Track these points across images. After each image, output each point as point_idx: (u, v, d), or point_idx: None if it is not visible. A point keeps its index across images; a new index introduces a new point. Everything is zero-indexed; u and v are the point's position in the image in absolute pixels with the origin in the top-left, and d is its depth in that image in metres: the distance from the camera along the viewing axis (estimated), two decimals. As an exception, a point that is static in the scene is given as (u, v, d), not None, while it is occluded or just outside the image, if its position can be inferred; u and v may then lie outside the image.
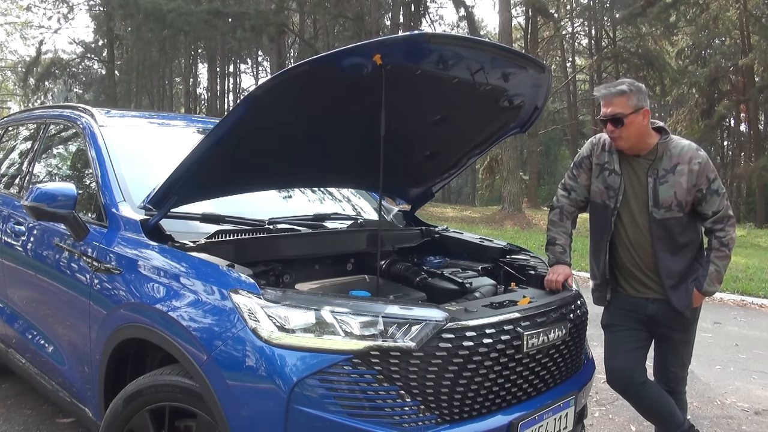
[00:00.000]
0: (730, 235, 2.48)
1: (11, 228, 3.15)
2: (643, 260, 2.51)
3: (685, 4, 23.35)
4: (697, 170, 2.43)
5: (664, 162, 2.46)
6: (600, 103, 2.50)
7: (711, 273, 2.47)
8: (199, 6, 19.34)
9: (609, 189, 2.53)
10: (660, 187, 2.44)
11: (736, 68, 25.68)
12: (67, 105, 3.43)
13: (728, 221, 2.48)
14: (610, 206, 2.53)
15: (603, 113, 2.46)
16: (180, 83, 39.23)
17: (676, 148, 2.47)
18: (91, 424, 2.44)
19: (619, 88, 2.44)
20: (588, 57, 30.95)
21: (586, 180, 2.62)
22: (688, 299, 2.48)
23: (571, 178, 2.66)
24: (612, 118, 2.42)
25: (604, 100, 2.46)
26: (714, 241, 2.49)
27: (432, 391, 1.80)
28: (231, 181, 2.45)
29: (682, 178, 2.42)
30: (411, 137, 2.66)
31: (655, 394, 2.54)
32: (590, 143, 2.65)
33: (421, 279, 2.72)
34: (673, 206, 2.43)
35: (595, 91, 2.59)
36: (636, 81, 2.53)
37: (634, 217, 2.50)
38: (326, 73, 1.98)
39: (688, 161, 2.43)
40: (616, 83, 2.49)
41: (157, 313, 2.03)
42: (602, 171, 2.56)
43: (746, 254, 12.01)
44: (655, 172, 2.46)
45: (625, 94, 2.42)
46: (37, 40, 31.61)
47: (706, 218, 2.49)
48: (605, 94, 2.46)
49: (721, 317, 6.42)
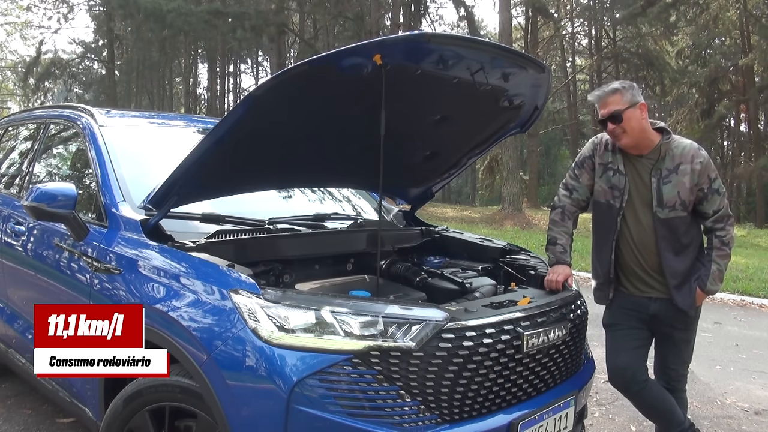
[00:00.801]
0: (730, 234, 2.50)
1: (11, 228, 3.15)
2: (646, 260, 2.51)
3: (685, 4, 23.37)
4: (699, 169, 2.44)
5: (666, 162, 2.46)
6: (597, 107, 2.52)
7: (713, 272, 2.48)
8: (199, 6, 19.35)
9: (614, 189, 2.53)
10: (664, 186, 2.45)
11: (736, 68, 25.69)
12: (67, 105, 3.43)
13: (728, 220, 2.50)
14: (615, 206, 2.52)
15: (601, 115, 2.49)
16: (180, 83, 39.25)
17: (678, 148, 2.47)
18: (91, 424, 2.44)
19: (612, 87, 2.49)
20: (588, 57, 30.95)
21: (589, 180, 2.62)
22: (691, 298, 2.49)
23: (573, 177, 2.66)
24: (610, 117, 2.44)
25: (600, 103, 2.49)
26: (715, 240, 2.51)
27: (432, 391, 1.80)
28: (231, 181, 2.45)
29: (685, 177, 2.43)
30: (411, 137, 2.66)
31: (656, 392, 2.55)
32: (592, 143, 2.65)
33: (421, 279, 2.72)
34: (677, 206, 2.44)
35: (589, 97, 2.63)
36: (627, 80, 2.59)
37: (638, 217, 2.50)
38: (326, 73, 1.98)
39: (691, 160, 2.44)
40: (607, 84, 2.54)
41: (157, 313, 2.03)
42: (606, 171, 2.56)
43: (746, 254, 12.01)
44: (658, 172, 2.46)
45: (618, 92, 2.45)
46: (37, 40, 31.65)
47: (706, 217, 2.50)
48: (599, 95, 2.50)
49: (721, 317, 6.41)
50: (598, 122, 2.53)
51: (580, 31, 30.77)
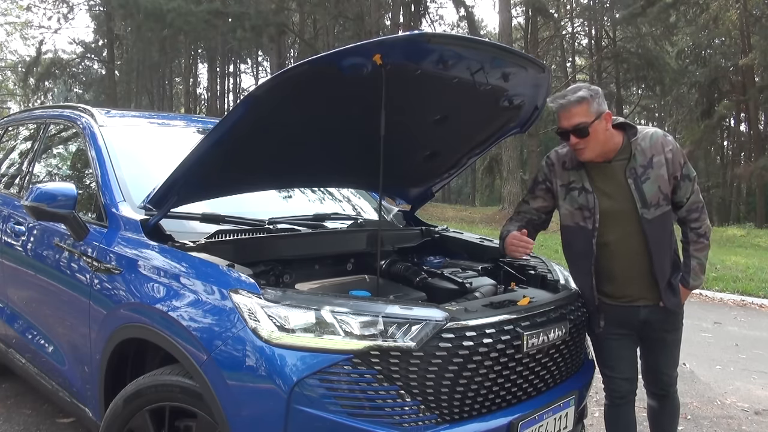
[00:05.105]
0: (705, 223, 2.39)
1: (11, 228, 3.15)
2: (638, 268, 2.36)
3: (685, 4, 23.37)
4: (671, 158, 2.31)
5: (638, 159, 2.29)
6: (557, 116, 2.27)
7: (694, 267, 2.38)
8: (199, 6, 19.32)
9: (583, 209, 2.34)
10: (643, 185, 2.29)
11: (736, 68, 25.71)
12: (67, 105, 3.43)
13: (702, 208, 2.39)
14: (587, 228, 2.33)
15: (562, 126, 2.24)
16: (180, 83, 39.24)
17: (645, 140, 2.33)
18: (91, 424, 2.44)
19: (578, 95, 2.22)
20: (588, 57, 30.94)
21: (542, 203, 2.49)
22: (677, 297, 2.40)
23: (524, 202, 2.55)
24: (574, 130, 2.22)
25: (563, 112, 2.24)
26: (691, 234, 2.40)
27: (432, 391, 1.80)
28: (231, 181, 2.45)
29: (662, 169, 2.30)
30: (411, 137, 2.66)
31: (633, 414, 2.53)
32: (545, 166, 2.47)
33: (421, 279, 2.72)
34: (661, 201, 2.31)
35: (549, 101, 2.35)
36: (590, 84, 2.32)
37: (624, 227, 2.31)
38: (326, 73, 1.98)
39: (662, 149, 2.31)
40: (572, 89, 2.26)
41: (157, 313, 2.03)
42: (569, 191, 2.37)
43: (746, 254, 12.02)
44: (633, 171, 2.29)
45: (585, 101, 2.21)
46: (37, 40, 31.55)
47: (680, 206, 2.37)
48: (563, 104, 2.23)
49: (721, 317, 6.42)
50: (558, 133, 2.29)
51: (580, 31, 30.75)
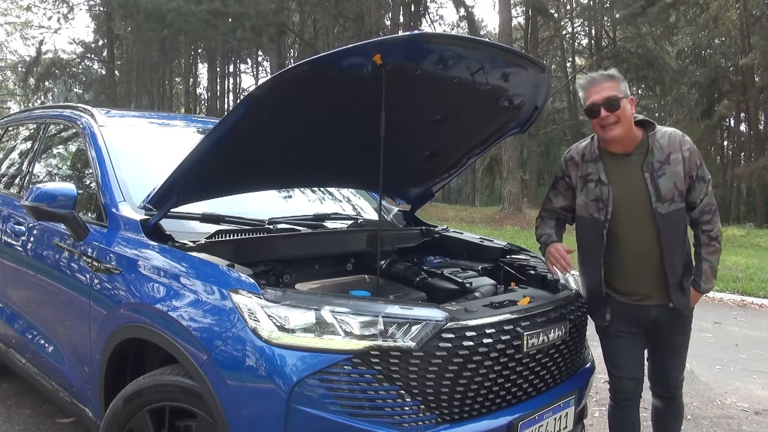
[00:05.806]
0: (717, 227, 2.40)
1: (11, 228, 3.15)
2: (649, 264, 2.37)
3: (685, 4, 23.36)
4: (688, 156, 2.34)
5: (656, 154, 2.34)
6: (583, 95, 2.36)
7: (705, 270, 2.39)
8: (199, 6, 19.33)
9: (597, 201, 2.38)
10: (659, 180, 2.33)
11: (736, 68, 25.71)
12: (67, 105, 3.43)
13: (715, 211, 2.41)
14: (599, 219, 2.37)
15: (594, 100, 2.30)
16: (180, 83, 39.25)
17: (664, 138, 2.37)
18: (91, 424, 2.44)
19: (609, 72, 2.35)
20: (588, 57, 30.94)
21: (564, 201, 2.52)
22: (686, 298, 2.40)
23: (548, 200, 2.59)
24: (605, 102, 2.28)
25: (593, 87, 2.32)
26: (703, 237, 2.40)
27: (432, 391, 1.80)
28: (231, 181, 2.45)
29: (678, 166, 2.33)
30: (411, 137, 2.65)
31: (637, 416, 2.53)
32: (564, 161, 2.54)
33: (421, 279, 2.72)
34: (676, 197, 2.33)
35: (578, 82, 2.43)
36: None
37: (638, 220, 2.35)
38: (326, 73, 1.98)
39: (680, 148, 2.35)
40: (597, 72, 2.39)
41: (157, 313, 2.03)
42: (586, 183, 2.42)
43: (746, 254, 12.01)
44: (650, 166, 2.34)
45: (615, 78, 2.32)
46: (37, 40, 31.56)
47: (693, 207, 2.39)
48: (595, 77, 2.33)
49: (721, 317, 6.42)
50: (586, 111, 2.36)
51: (580, 31, 30.78)
